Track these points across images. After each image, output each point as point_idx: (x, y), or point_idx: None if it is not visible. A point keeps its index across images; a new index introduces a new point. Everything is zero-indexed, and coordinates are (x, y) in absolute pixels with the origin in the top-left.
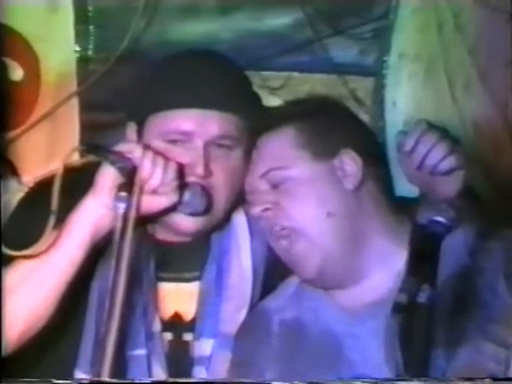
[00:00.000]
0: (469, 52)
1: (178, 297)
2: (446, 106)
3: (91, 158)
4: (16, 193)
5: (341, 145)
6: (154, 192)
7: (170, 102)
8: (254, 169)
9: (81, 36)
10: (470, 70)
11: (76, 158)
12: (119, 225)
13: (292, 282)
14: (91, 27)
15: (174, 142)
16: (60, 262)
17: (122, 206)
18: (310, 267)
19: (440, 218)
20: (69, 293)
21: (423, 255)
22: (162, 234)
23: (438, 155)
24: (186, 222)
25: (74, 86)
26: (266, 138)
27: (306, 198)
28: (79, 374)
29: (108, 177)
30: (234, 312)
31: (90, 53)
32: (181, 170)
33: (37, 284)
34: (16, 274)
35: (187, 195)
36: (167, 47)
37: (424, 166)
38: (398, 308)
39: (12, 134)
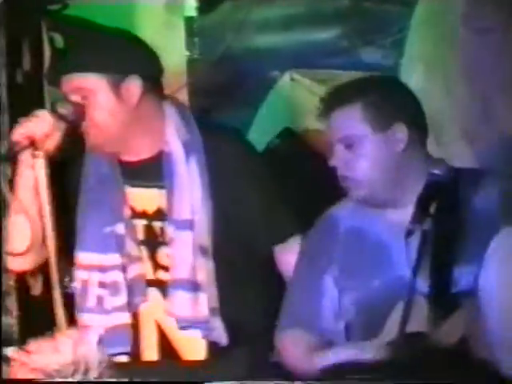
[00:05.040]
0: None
1: (145, 198)
2: (441, 98)
3: None
4: None
5: (394, 118)
6: None
7: None
8: (333, 133)
9: (189, 45)
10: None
11: None
12: None
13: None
14: (196, 39)
15: None
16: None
17: None
18: (360, 194)
19: (436, 171)
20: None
21: (426, 197)
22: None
23: None
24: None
25: (184, 80)
26: (339, 111)
27: (367, 159)
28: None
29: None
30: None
31: (195, 56)
32: None
33: None
34: None
35: None
36: (250, 52)
37: None
38: (409, 233)
39: None
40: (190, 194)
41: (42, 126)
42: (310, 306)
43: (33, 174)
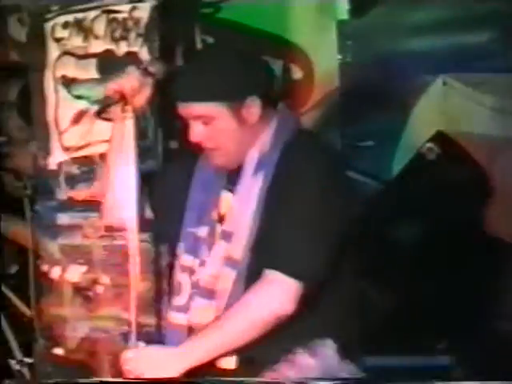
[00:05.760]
0: None
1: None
2: None
3: None
4: None
5: None
6: None
7: None
8: None
9: (342, 48)
10: None
11: None
12: None
13: None
14: (349, 42)
15: None
16: None
17: None
18: None
19: None
20: None
21: None
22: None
23: None
24: None
25: (336, 83)
26: None
27: None
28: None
29: None
30: None
31: (348, 60)
32: None
33: None
34: None
35: None
36: (402, 55)
37: None
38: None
39: None
40: (244, 205)
41: (131, 82)
42: None
43: (122, 128)
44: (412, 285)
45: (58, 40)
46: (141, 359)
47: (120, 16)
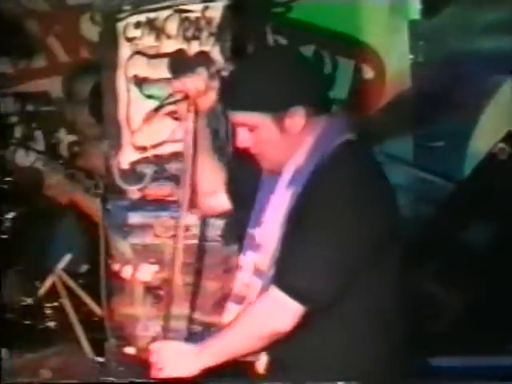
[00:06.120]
0: None
1: None
2: None
3: None
4: None
5: None
6: None
7: None
8: None
9: (413, 48)
10: None
11: None
12: None
13: None
14: (420, 42)
15: None
16: None
17: None
18: None
19: None
20: None
21: None
22: None
23: None
24: None
25: (408, 83)
26: None
27: None
28: None
29: None
30: None
31: (419, 60)
32: None
33: None
34: None
35: None
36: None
37: None
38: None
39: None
40: (274, 217)
41: (197, 83)
42: None
43: (185, 127)
44: (482, 285)
45: (130, 39)
46: (163, 353)
47: (193, 15)
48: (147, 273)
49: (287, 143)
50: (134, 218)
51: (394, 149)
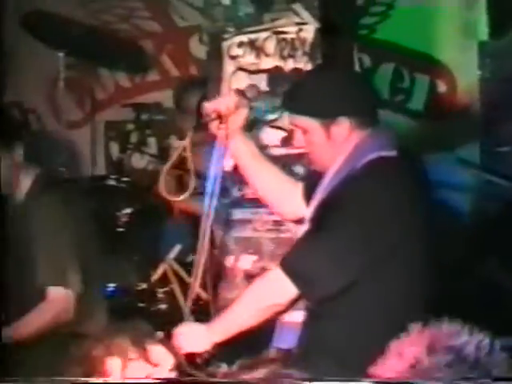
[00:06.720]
0: None
1: None
2: None
3: None
4: None
5: None
6: None
7: None
8: None
9: (481, 65)
10: None
11: None
12: None
13: None
14: (487, 60)
15: None
16: None
17: None
18: None
19: None
20: None
21: None
22: None
23: None
24: None
25: (476, 96)
26: None
27: None
28: None
29: None
30: None
31: (486, 75)
32: None
33: None
34: None
35: None
36: None
37: None
38: None
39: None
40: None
41: (227, 103)
42: None
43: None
44: None
45: (233, 57)
46: (182, 334)
47: (288, 36)
48: (247, 262)
49: (332, 149)
50: (236, 214)
51: (463, 154)
